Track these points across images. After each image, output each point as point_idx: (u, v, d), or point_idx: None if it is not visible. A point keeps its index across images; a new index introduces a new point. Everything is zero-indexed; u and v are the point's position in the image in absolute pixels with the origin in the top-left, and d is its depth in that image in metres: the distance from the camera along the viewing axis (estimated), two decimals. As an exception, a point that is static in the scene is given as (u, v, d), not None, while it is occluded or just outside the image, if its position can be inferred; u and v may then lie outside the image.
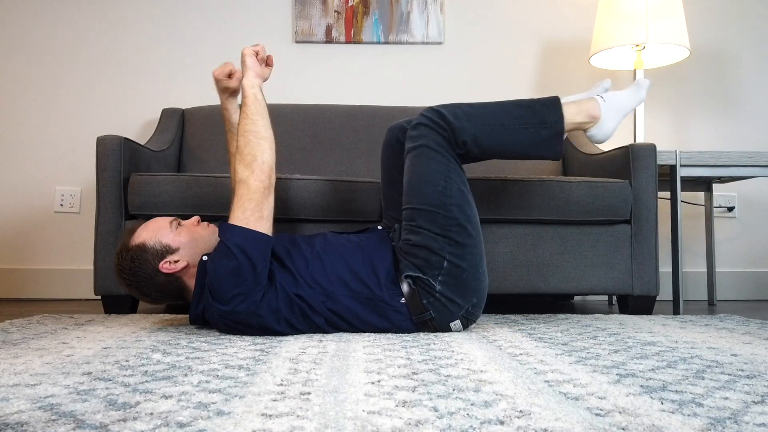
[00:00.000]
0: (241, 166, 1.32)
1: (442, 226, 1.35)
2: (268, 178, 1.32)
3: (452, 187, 1.37)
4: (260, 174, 1.30)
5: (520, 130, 1.39)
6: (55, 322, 1.62)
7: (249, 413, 0.70)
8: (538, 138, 1.40)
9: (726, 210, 2.77)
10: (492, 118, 1.40)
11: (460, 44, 2.79)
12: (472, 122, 1.38)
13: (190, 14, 2.77)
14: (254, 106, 1.38)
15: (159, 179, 1.88)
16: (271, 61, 1.51)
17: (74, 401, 0.76)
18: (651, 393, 0.81)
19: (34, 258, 2.67)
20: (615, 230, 1.94)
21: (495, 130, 1.39)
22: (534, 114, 1.41)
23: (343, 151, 2.50)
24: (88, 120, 2.72)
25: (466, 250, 1.36)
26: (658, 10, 2.30)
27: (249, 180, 1.30)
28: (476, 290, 1.37)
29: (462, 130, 1.37)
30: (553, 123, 1.41)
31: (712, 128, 2.79)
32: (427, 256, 1.34)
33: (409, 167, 1.42)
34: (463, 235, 1.36)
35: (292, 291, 1.32)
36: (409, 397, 0.78)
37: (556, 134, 1.41)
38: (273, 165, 1.34)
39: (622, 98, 1.50)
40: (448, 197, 1.36)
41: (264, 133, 1.35)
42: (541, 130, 1.40)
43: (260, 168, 1.31)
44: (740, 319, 1.71)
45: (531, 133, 1.40)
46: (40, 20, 2.75)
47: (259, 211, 1.30)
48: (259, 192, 1.30)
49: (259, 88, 1.41)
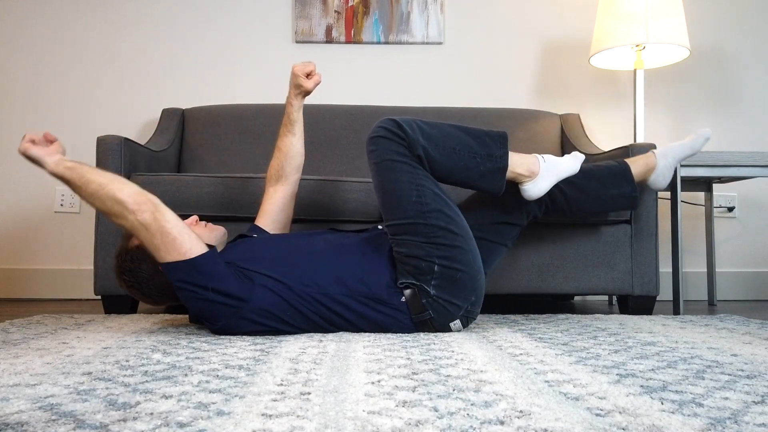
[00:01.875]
0: (119, 220, 1.27)
1: (425, 235, 1.35)
2: (143, 203, 1.26)
3: (426, 194, 1.37)
4: (135, 209, 1.25)
5: (468, 158, 1.41)
6: (55, 322, 1.62)
7: (249, 413, 0.70)
8: (484, 169, 1.43)
9: (726, 210, 2.77)
10: (444, 141, 1.41)
11: (460, 44, 2.79)
12: (426, 139, 1.39)
13: (190, 14, 2.77)
14: (73, 175, 1.30)
15: (159, 179, 1.88)
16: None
17: (74, 401, 0.76)
18: (651, 393, 0.81)
19: (34, 258, 2.67)
20: (615, 230, 1.94)
21: (446, 153, 1.40)
22: (483, 145, 1.43)
23: (343, 151, 2.50)
24: (88, 120, 2.72)
25: (455, 251, 1.36)
26: (658, 10, 2.30)
27: (134, 223, 1.25)
28: (474, 288, 1.38)
29: (417, 143, 1.37)
30: (498, 158, 1.43)
31: (712, 128, 2.79)
32: (416, 264, 1.35)
33: (378, 185, 1.42)
34: (449, 237, 1.36)
35: (285, 290, 1.32)
36: (409, 397, 0.78)
37: (500, 169, 1.44)
38: (136, 190, 1.28)
39: (558, 163, 1.53)
40: (425, 205, 1.36)
41: (102, 183, 1.28)
42: (487, 162, 1.43)
43: (129, 207, 1.25)
44: (740, 319, 1.71)
45: (478, 164, 1.42)
46: (40, 20, 2.75)
47: (169, 235, 1.25)
48: (151, 222, 1.25)
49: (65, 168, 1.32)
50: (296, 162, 1.69)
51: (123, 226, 1.29)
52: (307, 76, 1.61)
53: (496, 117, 2.55)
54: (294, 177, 1.70)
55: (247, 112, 2.54)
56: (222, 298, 1.28)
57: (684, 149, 1.73)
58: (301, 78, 1.59)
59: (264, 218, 1.66)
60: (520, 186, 1.50)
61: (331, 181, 1.93)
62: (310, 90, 1.62)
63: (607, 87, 2.80)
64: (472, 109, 2.59)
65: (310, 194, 1.88)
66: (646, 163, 1.71)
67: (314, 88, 1.62)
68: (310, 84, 1.61)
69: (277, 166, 1.68)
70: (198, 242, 1.30)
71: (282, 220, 1.68)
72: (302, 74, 1.59)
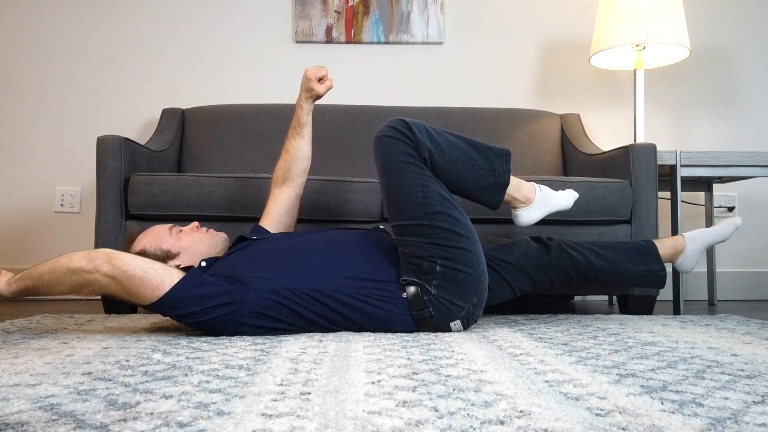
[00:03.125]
0: (90, 287, 1.26)
1: (429, 236, 1.35)
2: (96, 258, 1.24)
3: (431, 196, 1.37)
4: (92, 267, 1.23)
5: (471, 170, 1.43)
6: (55, 322, 1.62)
7: (249, 413, 0.70)
8: (486, 183, 1.44)
9: (726, 210, 2.77)
10: (450, 149, 1.41)
11: (460, 44, 2.79)
12: (432, 144, 1.40)
13: (190, 14, 2.77)
14: (28, 282, 1.31)
15: (159, 179, 1.88)
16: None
17: (74, 401, 0.76)
18: (651, 393, 0.81)
19: (34, 258, 2.66)
20: (615, 230, 1.94)
21: (450, 160, 1.41)
22: (486, 160, 1.44)
23: (343, 151, 2.50)
24: (89, 120, 2.72)
25: (459, 252, 1.36)
26: (658, 9, 2.30)
27: (102, 280, 1.24)
28: (476, 290, 1.37)
29: (424, 146, 1.38)
30: (500, 173, 1.45)
31: (712, 128, 2.79)
32: (419, 263, 1.35)
33: (384, 185, 1.42)
34: (453, 239, 1.36)
35: (283, 289, 1.31)
36: (409, 397, 0.78)
37: (501, 185, 1.46)
38: (83, 252, 1.27)
39: (553, 196, 1.55)
40: (430, 206, 1.36)
41: (52, 267, 1.28)
42: (489, 176, 1.44)
43: (87, 268, 1.23)
44: (740, 319, 1.71)
45: (480, 176, 1.44)
46: (41, 20, 2.75)
47: (134, 277, 1.23)
48: (112, 270, 1.23)
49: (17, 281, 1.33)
50: (303, 165, 1.69)
51: (96, 291, 1.27)
52: (319, 80, 1.60)
53: (496, 117, 2.55)
54: (300, 179, 1.70)
55: (247, 112, 2.54)
56: (216, 312, 1.26)
57: (714, 236, 1.71)
58: (313, 82, 1.59)
59: (268, 219, 1.66)
60: (513, 211, 1.53)
61: (332, 181, 1.93)
62: (322, 94, 1.62)
63: (607, 87, 2.80)
64: (472, 109, 2.59)
65: (311, 194, 1.88)
66: (674, 246, 1.69)
67: (326, 92, 1.62)
68: (321, 88, 1.61)
69: (283, 168, 1.68)
70: (166, 271, 1.27)
71: (286, 222, 1.68)
72: (314, 78, 1.59)
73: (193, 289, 1.26)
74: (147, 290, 1.23)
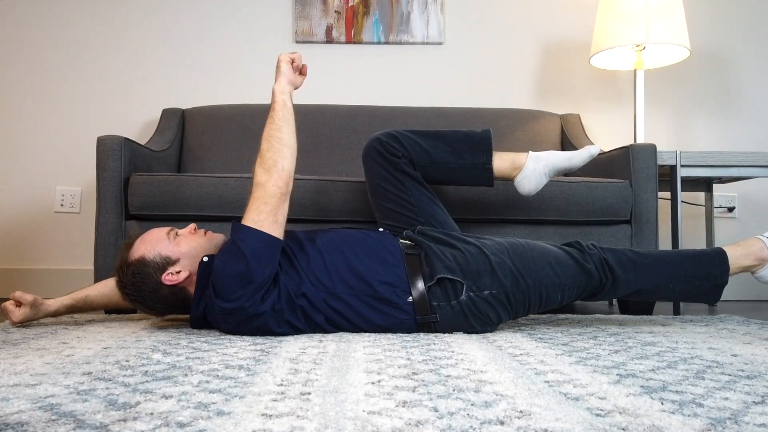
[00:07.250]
0: (261, 170, 1.33)
1: (520, 293, 1.38)
2: (286, 185, 1.33)
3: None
4: (278, 180, 1.31)
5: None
6: (55, 322, 1.62)
7: (249, 413, 0.70)
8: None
9: (726, 210, 2.77)
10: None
11: (460, 44, 2.79)
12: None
13: (190, 14, 2.77)
14: (282, 112, 1.39)
15: (159, 179, 1.88)
16: (305, 70, 1.54)
17: (74, 401, 0.76)
18: (651, 393, 0.81)
19: (34, 258, 2.67)
20: (615, 230, 1.94)
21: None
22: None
23: (343, 151, 2.49)
24: (88, 120, 2.72)
25: (525, 297, 1.39)
26: (658, 10, 2.30)
27: (267, 184, 1.31)
28: (497, 321, 1.40)
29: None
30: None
31: (712, 128, 2.79)
32: (482, 270, 1.36)
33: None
34: (529, 301, 1.40)
35: (295, 290, 1.31)
36: (409, 397, 0.78)
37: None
38: (292, 173, 1.35)
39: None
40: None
41: (288, 140, 1.37)
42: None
43: (279, 174, 1.32)
44: (740, 320, 1.71)
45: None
46: (41, 20, 2.75)
47: (274, 215, 1.31)
48: (276, 197, 1.31)
49: (289, 95, 1.43)
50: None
51: (255, 172, 1.34)
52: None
53: (496, 117, 2.55)
54: None
55: (247, 112, 2.54)
56: (260, 281, 1.28)
57: (562, 160, 1.59)
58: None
59: None
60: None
61: (332, 181, 1.92)
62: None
63: (607, 87, 2.80)
64: (472, 109, 2.59)
65: (311, 194, 1.88)
66: (513, 160, 1.60)
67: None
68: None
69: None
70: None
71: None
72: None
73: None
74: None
